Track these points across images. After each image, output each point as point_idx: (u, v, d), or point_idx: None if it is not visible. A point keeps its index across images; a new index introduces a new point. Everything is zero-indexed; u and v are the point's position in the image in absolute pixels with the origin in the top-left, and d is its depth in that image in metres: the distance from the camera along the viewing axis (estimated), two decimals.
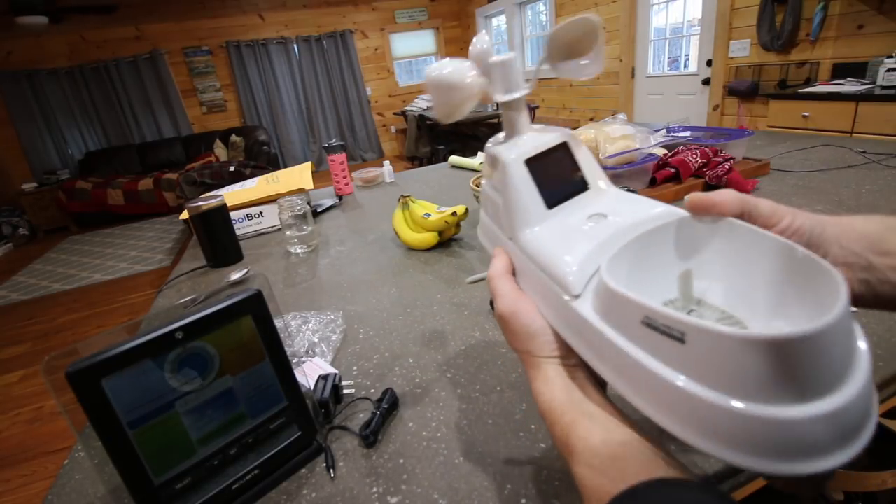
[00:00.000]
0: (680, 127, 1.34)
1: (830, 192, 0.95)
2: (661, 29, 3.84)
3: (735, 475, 0.40)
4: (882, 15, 2.34)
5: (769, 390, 0.18)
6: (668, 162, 1.05)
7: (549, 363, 0.30)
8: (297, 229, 1.01)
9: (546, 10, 5.04)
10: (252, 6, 5.96)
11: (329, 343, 0.64)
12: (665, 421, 0.21)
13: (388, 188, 1.51)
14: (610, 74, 4.24)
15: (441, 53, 7.02)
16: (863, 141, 1.27)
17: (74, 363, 0.34)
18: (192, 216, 0.97)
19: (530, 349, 0.31)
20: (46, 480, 1.70)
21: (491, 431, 0.46)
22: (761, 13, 2.82)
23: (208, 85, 6.12)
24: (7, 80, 5.21)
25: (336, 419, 0.50)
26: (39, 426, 2.01)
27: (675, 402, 0.21)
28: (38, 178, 5.44)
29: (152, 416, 0.37)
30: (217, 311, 0.40)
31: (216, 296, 0.85)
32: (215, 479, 0.41)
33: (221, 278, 0.92)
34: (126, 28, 5.56)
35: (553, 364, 0.30)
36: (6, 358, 2.62)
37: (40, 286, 3.67)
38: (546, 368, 0.30)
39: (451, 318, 0.67)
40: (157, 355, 0.38)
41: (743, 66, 3.06)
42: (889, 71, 2.12)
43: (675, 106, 3.75)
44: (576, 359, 0.30)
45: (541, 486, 0.39)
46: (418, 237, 0.93)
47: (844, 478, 0.63)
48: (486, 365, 0.56)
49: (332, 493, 0.42)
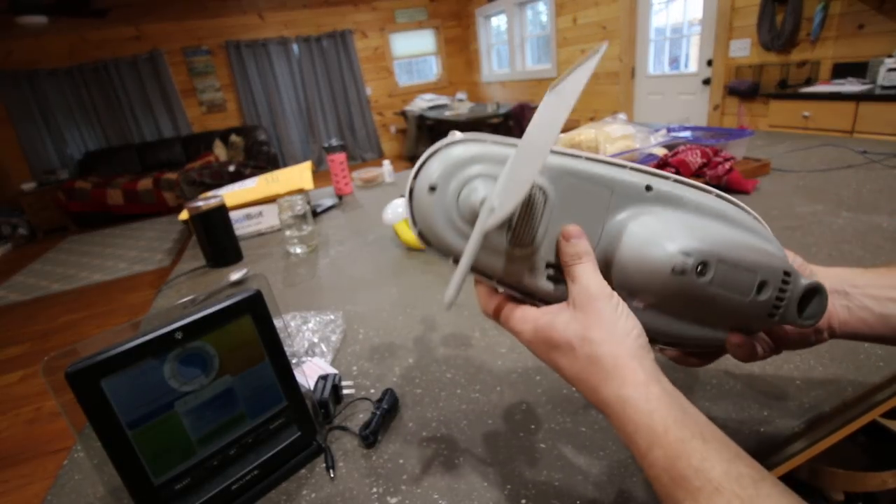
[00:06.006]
0: (680, 127, 1.34)
1: (830, 192, 0.95)
2: (662, 29, 3.84)
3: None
4: (882, 15, 2.34)
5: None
6: (668, 162, 1.05)
7: (646, 358, 0.27)
8: (296, 229, 1.01)
9: (546, 10, 5.04)
10: (252, 6, 5.96)
11: (329, 343, 0.64)
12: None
13: (388, 188, 1.51)
14: (610, 74, 4.24)
15: (441, 53, 7.02)
16: (863, 141, 1.27)
17: (74, 363, 0.34)
18: (191, 216, 0.97)
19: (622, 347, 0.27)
20: (46, 480, 1.70)
21: (491, 431, 0.46)
22: (761, 13, 2.82)
23: (208, 85, 6.11)
24: (7, 80, 5.21)
25: (336, 419, 0.50)
26: (39, 426, 2.00)
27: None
28: (38, 178, 5.43)
29: (152, 416, 0.37)
30: (217, 311, 0.40)
31: (216, 296, 0.85)
32: (215, 479, 0.41)
33: (221, 278, 0.92)
34: (126, 28, 5.56)
35: (650, 359, 0.27)
36: (6, 358, 2.62)
37: (40, 286, 3.66)
38: (638, 367, 0.26)
39: (452, 318, 0.67)
40: (157, 355, 0.37)
41: (743, 66, 3.06)
42: (889, 71, 2.12)
43: (676, 106, 3.75)
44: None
45: (541, 486, 0.39)
46: None
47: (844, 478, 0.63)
48: (486, 365, 0.56)
49: (332, 493, 0.42)
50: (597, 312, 0.27)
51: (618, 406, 0.26)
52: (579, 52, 4.57)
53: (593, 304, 0.28)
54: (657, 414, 0.24)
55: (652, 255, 0.29)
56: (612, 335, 0.27)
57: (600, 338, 0.27)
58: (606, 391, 0.26)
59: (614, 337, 0.27)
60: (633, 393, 0.25)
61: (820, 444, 0.44)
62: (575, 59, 4.24)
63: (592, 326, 0.27)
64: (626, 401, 0.25)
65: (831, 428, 0.44)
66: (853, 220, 0.81)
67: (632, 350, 0.27)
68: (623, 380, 0.26)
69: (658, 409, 0.24)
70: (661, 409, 0.24)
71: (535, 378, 0.52)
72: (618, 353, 0.26)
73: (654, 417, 0.24)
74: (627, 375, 0.26)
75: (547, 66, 5.22)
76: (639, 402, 0.25)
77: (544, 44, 5.31)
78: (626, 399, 0.25)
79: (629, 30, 3.90)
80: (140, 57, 5.68)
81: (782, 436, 0.41)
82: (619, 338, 0.27)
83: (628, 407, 0.25)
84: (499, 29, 6.29)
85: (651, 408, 0.25)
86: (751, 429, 0.42)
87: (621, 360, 0.26)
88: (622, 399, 0.25)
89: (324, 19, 6.31)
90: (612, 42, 4.09)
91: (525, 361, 0.56)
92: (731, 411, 0.44)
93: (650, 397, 0.25)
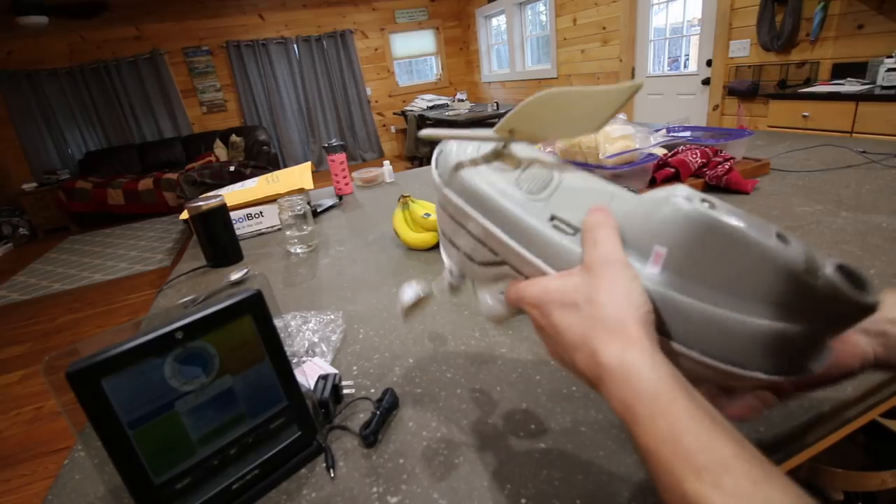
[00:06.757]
0: (680, 127, 1.34)
1: (830, 192, 0.95)
2: (661, 29, 3.84)
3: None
4: (882, 15, 2.34)
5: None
6: (668, 162, 1.05)
7: (653, 331, 0.25)
8: (297, 229, 1.01)
9: (546, 10, 5.04)
10: (252, 6, 5.96)
11: (329, 343, 0.64)
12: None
13: (388, 188, 1.51)
14: (610, 74, 4.24)
15: (441, 53, 7.02)
16: (863, 141, 1.28)
17: (74, 363, 0.34)
18: (192, 216, 0.97)
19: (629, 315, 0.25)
20: (46, 480, 1.70)
21: (491, 431, 0.46)
22: (761, 13, 2.82)
23: (208, 85, 6.12)
24: (7, 80, 5.21)
25: (336, 419, 0.50)
26: (39, 426, 2.01)
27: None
28: (38, 178, 5.44)
29: (152, 415, 0.37)
30: (217, 311, 0.40)
31: (216, 296, 0.85)
32: (215, 479, 0.41)
33: (221, 278, 0.92)
34: (126, 28, 5.56)
35: (656, 336, 0.25)
36: (6, 358, 2.62)
37: (40, 286, 3.67)
38: (645, 335, 0.24)
39: (451, 317, 0.67)
40: (157, 355, 0.38)
41: (743, 66, 3.06)
42: (889, 71, 2.12)
43: (675, 106, 3.75)
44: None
45: (541, 486, 0.39)
46: (418, 237, 0.93)
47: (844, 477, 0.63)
48: (486, 365, 0.56)
49: (332, 493, 0.42)
50: (610, 277, 0.26)
51: (619, 371, 0.24)
52: (579, 52, 4.57)
53: (608, 269, 0.26)
54: (664, 383, 0.23)
55: (661, 207, 0.27)
56: (622, 300, 0.25)
57: (608, 301, 0.25)
58: (608, 354, 0.24)
59: (623, 301, 0.25)
60: (638, 358, 0.23)
61: (819, 443, 0.44)
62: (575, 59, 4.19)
63: (602, 289, 0.26)
64: (629, 365, 0.23)
65: (831, 427, 0.44)
66: (853, 220, 0.81)
67: (640, 317, 0.25)
68: (628, 342, 0.24)
69: (665, 377, 0.23)
70: (668, 379, 0.23)
71: (535, 378, 0.53)
72: (624, 317, 0.25)
73: (660, 386, 0.22)
74: (633, 339, 0.24)
75: (547, 67, 5.22)
76: (643, 368, 0.23)
77: (544, 44, 5.31)
78: (629, 363, 0.23)
79: (629, 30, 3.91)
80: (140, 57, 5.68)
81: (782, 435, 0.41)
82: (628, 304, 0.25)
83: (632, 372, 0.23)
84: (499, 29, 6.29)
85: (658, 375, 0.23)
86: (750, 428, 0.42)
87: (628, 324, 0.24)
88: (625, 364, 0.24)
89: (324, 19, 6.31)
90: (612, 42, 4.09)
91: (525, 361, 0.56)
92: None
93: (656, 365, 0.23)
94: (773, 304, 0.24)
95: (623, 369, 0.24)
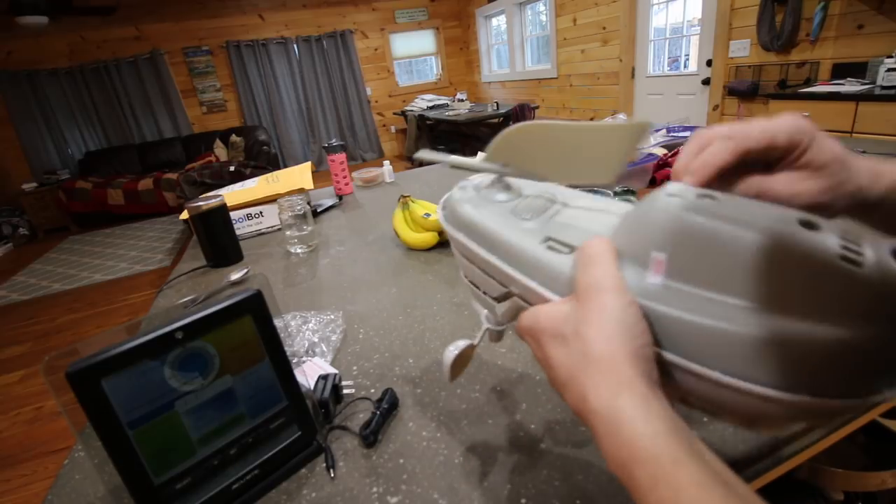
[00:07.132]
0: (680, 127, 1.34)
1: None
2: (661, 29, 3.84)
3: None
4: (882, 15, 2.34)
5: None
6: (668, 162, 1.05)
7: (649, 370, 0.22)
8: (297, 229, 1.01)
9: (546, 10, 5.04)
10: (252, 6, 5.96)
11: (329, 343, 0.64)
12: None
13: (388, 188, 1.51)
14: (610, 74, 4.24)
15: (441, 53, 7.02)
16: (863, 141, 1.28)
17: (74, 363, 0.34)
18: (192, 216, 0.97)
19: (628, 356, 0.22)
20: (46, 480, 1.70)
21: (491, 431, 0.46)
22: (761, 13, 2.81)
23: (208, 85, 6.11)
24: (7, 80, 5.21)
25: (336, 419, 0.50)
26: (39, 426, 2.00)
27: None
28: (38, 178, 5.43)
29: (152, 416, 0.37)
30: (217, 311, 0.40)
31: (216, 296, 0.85)
32: (215, 479, 0.41)
33: (221, 278, 0.92)
34: (126, 28, 5.56)
35: (653, 376, 0.22)
36: (6, 358, 2.62)
37: (40, 286, 3.67)
38: (638, 378, 0.21)
39: (451, 318, 0.67)
40: (157, 355, 0.38)
41: (743, 66, 3.06)
42: (889, 71, 2.12)
43: (675, 106, 3.75)
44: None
45: (541, 486, 0.39)
46: (418, 237, 0.93)
47: (844, 477, 0.63)
48: (485, 365, 0.56)
49: (332, 493, 0.42)
50: (599, 308, 0.23)
51: (610, 419, 0.21)
52: (579, 52, 4.57)
53: (597, 297, 0.23)
54: (663, 439, 0.19)
55: (652, 207, 0.25)
56: (612, 333, 0.22)
57: (597, 335, 0.22)
58: (597, 398, 0.21)
59: (614, 335, 0.22)
60: (629, 404, 0.20)
61: (819, 443, 0.44)
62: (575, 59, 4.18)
63: (591, 322, 0.23)
64: (619, 413, 0.20)
65: (831, 427, 0.44)
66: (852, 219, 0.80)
67: (633, 352, 0.22)
68: (618, 385, 0.21)
69: (663, 433, 0.19)
70: (668, 436, 0.19)
71: (535, 378, 0.53)
72: (614, 353, 0.22)
73: (658, 444, 0.19)
74: (625, 381, 0.21)
75: (547, 66, 5.22)
76: (636, 418, 0.20)
77: (544, 44, 5.31)
78: (619, 411, 0.20)
79: (629, 30, 3.90)
80: (140, 57, 5.68)
81: (782, 435, 0.41)
82: (620, 338, 0.22)
83: (623, 422, 0.20)
84: (499, 29, 6.29)
85: (654, 430, 0.19)
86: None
87: (619, 361, 0.21)
88: (615, 411, 0.20)
89: (324, 19, 6.31)
90: (611, 42, 4.09)
91: (525, 361, 0.56)
92: None
93: (651, 415, 0.20)
94: (814, 305, 0.20)
95: (613, 417, 0.20)
